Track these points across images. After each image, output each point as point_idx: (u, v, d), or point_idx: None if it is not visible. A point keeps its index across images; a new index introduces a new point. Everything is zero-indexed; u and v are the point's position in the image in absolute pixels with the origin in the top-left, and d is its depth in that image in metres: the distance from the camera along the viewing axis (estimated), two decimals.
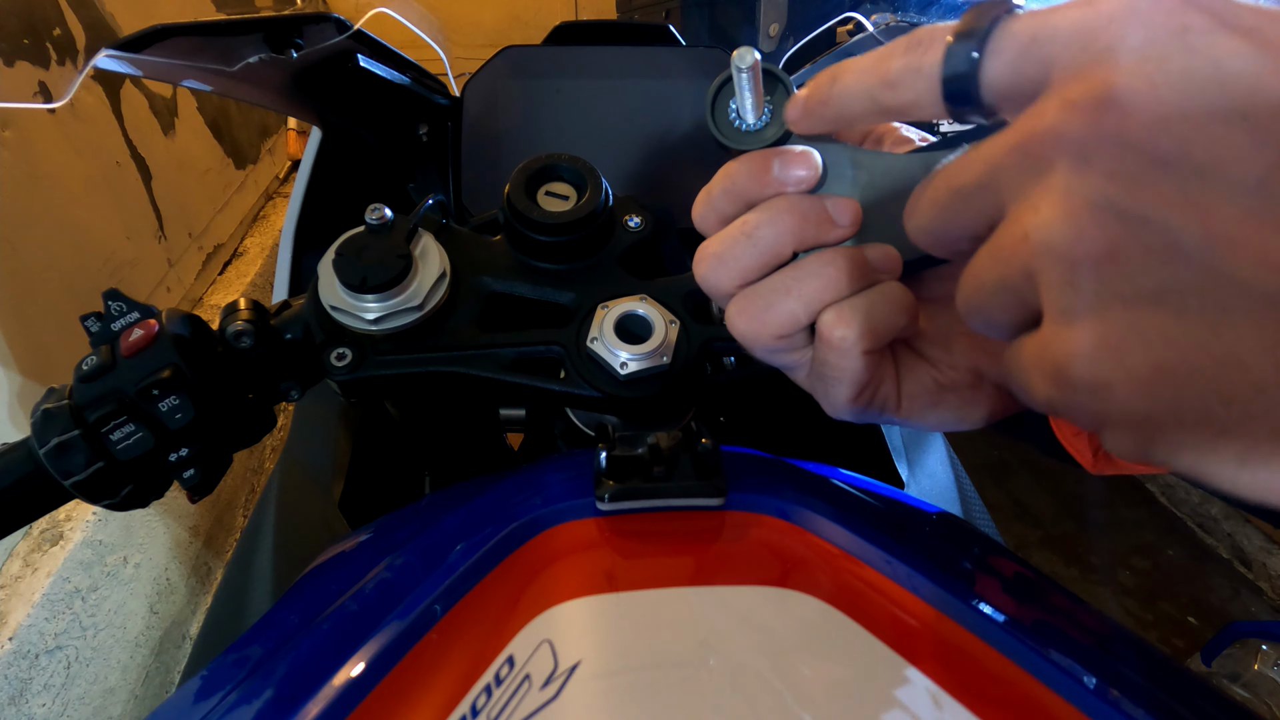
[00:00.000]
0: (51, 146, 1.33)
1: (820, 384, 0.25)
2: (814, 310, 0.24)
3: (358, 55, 0.60)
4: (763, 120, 0.25)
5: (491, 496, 0.28)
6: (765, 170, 0.24)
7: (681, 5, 2.29)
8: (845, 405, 0.25)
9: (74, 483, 0.30)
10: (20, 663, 0.94)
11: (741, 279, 0.25)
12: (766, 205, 0.24)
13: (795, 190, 0.24)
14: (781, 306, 0.24)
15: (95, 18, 1.51)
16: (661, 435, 0.27)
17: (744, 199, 0.25)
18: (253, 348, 0.34)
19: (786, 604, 0.21)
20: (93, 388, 0.30)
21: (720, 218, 0.26)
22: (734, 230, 0.24)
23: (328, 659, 0.22)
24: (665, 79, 0.68)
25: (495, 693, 0.18)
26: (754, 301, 0.24)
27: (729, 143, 0.26)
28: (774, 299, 0.24)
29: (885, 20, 0.64)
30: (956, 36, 0.19)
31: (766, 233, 0.24)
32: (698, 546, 0.24)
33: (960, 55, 0.18)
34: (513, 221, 0.38)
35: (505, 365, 0.35)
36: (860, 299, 0.23)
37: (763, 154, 0.25)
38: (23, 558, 1.04)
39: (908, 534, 0.25)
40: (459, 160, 0.68)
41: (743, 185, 0.25)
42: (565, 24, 0.73)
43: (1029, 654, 0.20)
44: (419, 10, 0.75)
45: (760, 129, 0.25)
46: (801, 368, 0.26)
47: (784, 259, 0.24)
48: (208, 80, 0.59)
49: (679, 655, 0.19)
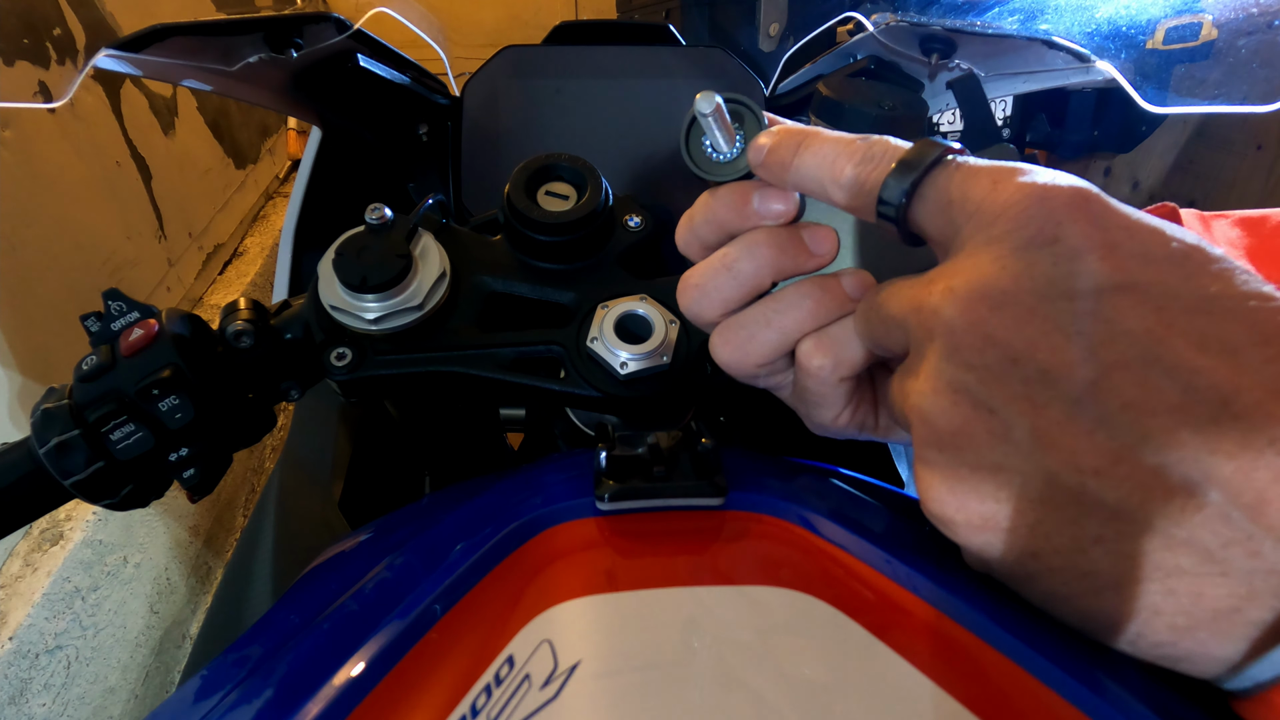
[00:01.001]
0: (51, 146, 1.33)
1: (802, 405, 0.27)
2: (792, 340, 0.25)
3: (357, 55, 0.60)
4: (736, 149, 0.25)
5: (491, 496, 0.28)
6: (745, 203, 0.25)
7: (681, 5, 2.28)
8: (826, 426, 0.27)
9: (74, 482, 0.30)
10: (20, 662, 0.94)
11: (724, 309, 0.26)
12: (745, 238, 0.25)
13: (773, 224, 0.25)
14: (762, 337, 0.25)
15: (95, 17, 1.51)
16: (661, 435, 0.27)
17: (724, 230, 0.26)
18: (253, 347, 0.34)
19: (786, 604, 0.21)
20: (93, 387, 0.30)
21: (702, 245, 0.27)
22: (714, 262, 0.25)
23: (328, 659, 0.22)
24: (665, 79, 0.68)
25: (495, 692, 0.18)
26: (736, 332, 0.25)
27: (704, 175, 0.26)
28: (754, 330, 0.25)
29: (885, 20, 0.64)
30: (895, 168, 0.21)
31: (746, 266, 0.25)
32: (698, 546, 0.24)
33: (894, 190, 0.21)
34: (513, 221, 0.38)
35: (505, 365, 0.35)
36: (837, 328, 0.24)
37: (743, 187, 0.25)
38: (23, 557, 1.04)
39: (908, 534, 0.25)
40: (459, 160, 0.68)
41: (723, 217, 0.25)
42: (565, 24, 0.73)
43: (1029, 654, 0.20)
44: (419, 10, 0.75)
45: (734, 159, 0.25)
46: (786, 388, 0.27)
47: (764, 289, 0.25)
48: (208, 80, 0.59)
49: (679, 655, 0.19)
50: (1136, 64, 0.53)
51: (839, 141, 0.23)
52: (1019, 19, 0.57)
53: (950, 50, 0.64)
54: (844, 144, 0.22)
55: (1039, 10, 0.56)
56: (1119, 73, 0.51)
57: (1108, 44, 0.54)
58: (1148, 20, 0.54)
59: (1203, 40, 0.54)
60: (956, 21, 0.59)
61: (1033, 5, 0.57)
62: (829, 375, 0.24)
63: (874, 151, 0.22)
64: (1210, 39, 0.54)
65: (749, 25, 1.94)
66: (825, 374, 0.24)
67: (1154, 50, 0.54)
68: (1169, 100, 0.51)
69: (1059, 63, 0.58)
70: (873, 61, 0.64)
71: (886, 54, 0.62)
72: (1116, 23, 0.54)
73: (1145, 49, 0.54)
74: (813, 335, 0.25)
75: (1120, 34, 0.54)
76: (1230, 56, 0.52)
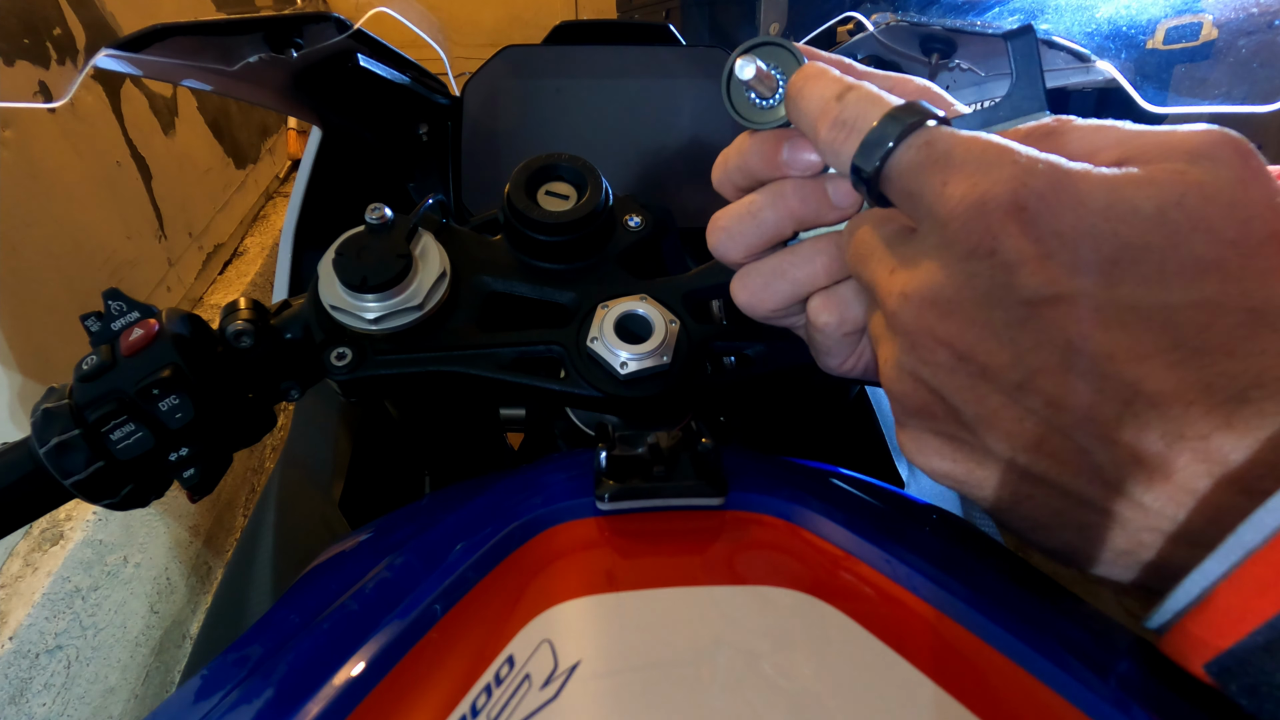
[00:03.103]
0: (51, 146, 1.33)
1: (812, 348, 0.29)
2: (804, 292, 0.27)
3: (358, 55, 0.60)
4: (776, 98, 0.26)
5: (491, 496, 0.28)
6: (775, 152, 0.26)
7: (681, 5, 2.29)
8: (834, 370, 0.29)
9: (74, 482, 0.30)
10: (20, 662, 0.94)
11: (747, 253, 0.28)
12: (771, 188, 0.27)
13: (801, 174, 0.26)
14: (775, 287, 0.27)
15: (95, 17, 1.51)
16: (661, 435, 0.27)
17: (754, 177, 0.27)
18: (253, 347, 0.34)
19: (786, 604, 0.21)
20: (93, 387, 0.30)
21: (734, 186, 0.28)
22: (741, 208, 0.27)
23: (328, 659, 0.22)
24: (665, 78, 0.68)
25: (495, 692, 0.18)
26: (754, 279, 0.27)
27: (744, 121, 0.27)
28: (770, 279, 0.27)
29: (885, 20, 0.64)
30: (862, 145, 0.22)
31: (769, 215, 0.26)
32: (698, 546, 0.24)
33: (864, 161, 0.22)
34: (513, 221, 0.38)
35: (505, 365, 0.35)
36: (844, 288, 0.26)
37: (775, 136, 0.26)
38: (23, 557, 1.04)
39: (908, 534, 0.25)
40: (459, 160, 0.68)
41: (753, 164, 0.27)
42: (565, 23, 0.73)
43: (1029, 654, 0.20)
44: (419, 10, 0.75)
45: (774, 106, 0.26)
46: (800, 329, 0.29)
47: (785, 236, 0.27)
48: (208, 80, 0.59)
49: (679, 655, 0.19)
50: (1136, 64, 0.53)
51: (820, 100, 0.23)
52: (1019, 19, 0.57)
53: (950, 50, 0.64)
54: (824, 102, 0.23)
55: (1039, 10, 0.56)
56: (1119, 73, 0.51)
57: (1108, 44, 0.54)
58: (1148, 20, 0.54)
59: (1203, 40, 0.54)
60: (956, 21, 0.59)
61: (1033, 5, 0.57)
62: (834, 331, 0.26)
63: (846, 115, 0.23)
64: (1210, 39, 0.54)
65: (749, 25, 1.95)
66: (831, 330, 0.26)
67: (1154, 50, 0.54)
68: (1169, 100, 0.51)
69: (1059, 63, 0.58)
70: (873, 61, 0.64)
71: (887, 54, 0.62)
72: (1116, 23, 0.54)
73: (1145, 49, 0.54)
74: (822, 293, 0.26)
75: (1120, 34, 0.54)
76: (1230, 56, 0.52)
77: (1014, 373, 0.19)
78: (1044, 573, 0.26)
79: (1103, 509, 0.20)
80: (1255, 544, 0.16)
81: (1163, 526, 0.19)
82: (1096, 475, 0.19)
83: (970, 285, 0.20)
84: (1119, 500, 0.19)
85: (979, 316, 0.20)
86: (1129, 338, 0.18)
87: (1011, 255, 0.19)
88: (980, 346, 0.20)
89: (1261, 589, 0.16)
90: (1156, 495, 0.18)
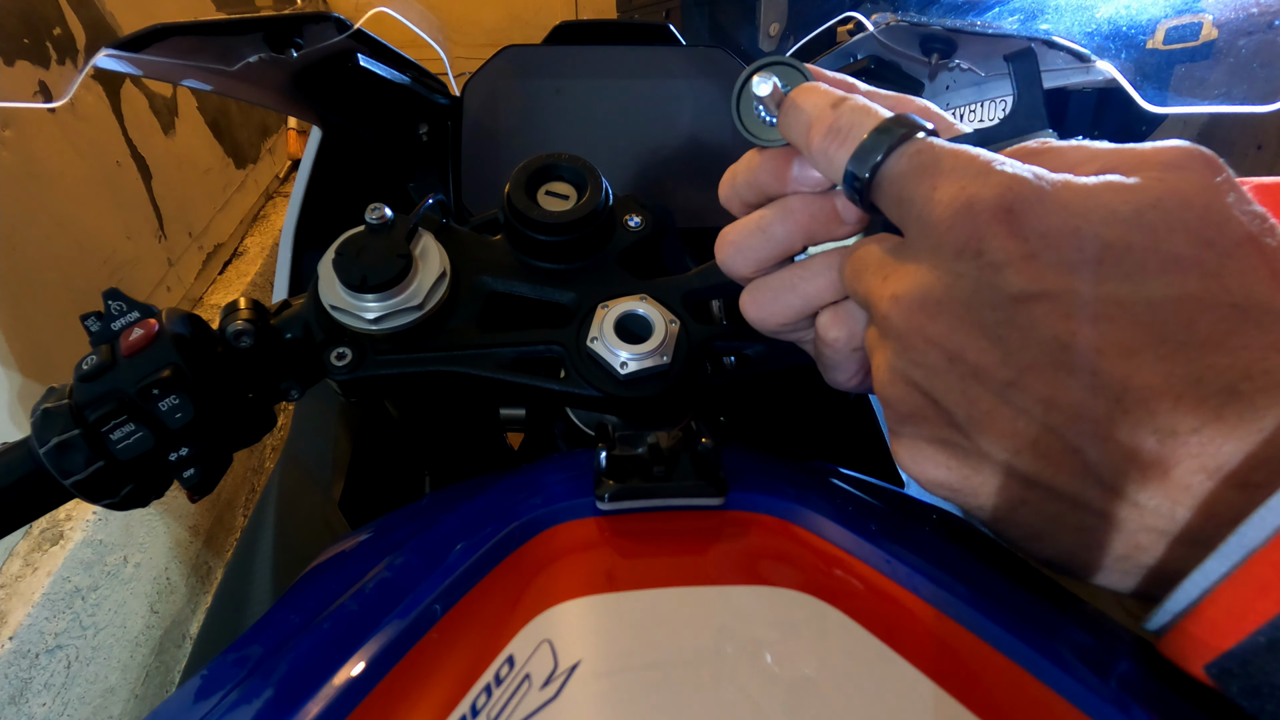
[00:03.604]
0: (51, 146, 1.33)
1: (820, 363, 0.29)
2: (814, 307, 0.27)
3: (358, 55, 0.60)
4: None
5: (491, 496, 0.28)
6: (786, 169, 0.26)
7: (681, 5, 2.29)
8: (841, 385, 0.29)
9: (74, 482, 0.30)
10: (20, 662, 0.94)
11: (756, 268, 0.28)
12: (781, 203, 0.27)
13: (810, 191, 0.26)
14: (785, 301, 0.27)
15: (95, 17, 1.51)
16: (661, 435, 0.27)
17: (763, 193, 0.27)
18: (253, 347, 0.34)
19: (786, 603, 0.21)
20: (93, 387, 0.30)
21: (742, 202, 0.28)
22: (750, 223, 0.27)
23: (328, 659, 0.22)
24: (665, 79, 0.68)
25: (495, 692, 0.18)
26: (763, 293, 0.28)
27: (752, 138, 0.27)
28: (780, 293, 0.27)
29: (885, 20, 0.64)
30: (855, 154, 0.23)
31: (778, 230, 0.27)
32: (698, 546, 0.24)
33: (856, 171, 0.23)
34: (513, 221, 0.38)
35: (505, 365, 0.35)
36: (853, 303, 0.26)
37: (787, 152, 0.26)
38: (23, 557, 1.04)
39: (908, 534, 0.25)
40: (459, 160, 0.68)
41: (763, 180, 0.27)
42: (565, 23, 0.73)
43: (1029, 654, 0.20)
44: (419, 10, 0.75)
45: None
46: (808, 344, 0.29)
47: (795, 251, 0.27)
48: (208, 80, 0.59)
49: (679, 655, 0.19)
50: (1137, 64, 0.53)
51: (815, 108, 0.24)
52: (1019, 19, 0.57)
53: (950, 50, 0.64)
54: (819, 110, 0.24)
55: (1039, 10, 0.56)
56: (1119, 73, 0.51)
57: (1108, 44, 0.54)
58: (1148, 20, 0.54)
59: (1203, 40, 0.54)
60: (956, 21, 0.59)
61: (1033, 5, 0.57)
62: (844, 346, 0.26)
63: (841, 124, 0.23)
64: (1210, 39, 0.54)
65: (749, 25, 1.95)
66: (840, 345, 0.26)
67: (1154, 50, 0.54)
68: (1169, 100, 0.51)
69: (1059, 63, 0.58)
70: (873, 61, 0.64)
71: (887, 54, 0.62)
72: (1116, 23, 0.54)
73: (1145, 49, 0.54)
74: (831, 308, 0.27)
75: (1120, 34, 0.54)
76: (1230, 56, 0.52)
77: (1004, 371, 0.19)
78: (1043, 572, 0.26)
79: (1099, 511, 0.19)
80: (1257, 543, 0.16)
81: (1160, 526, 0.19)
82: (1091, 475, 0.19)
83: (959, 285, 0.20)
84: (1115, 500, 0.19)
85: (968, 316, 0.20)
86: (1116, 332, 0.18)
87: (998, 255, 0.19)
88: (970, 346, 0.20)
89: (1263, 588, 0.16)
90: (1152, 494, 0.18)
